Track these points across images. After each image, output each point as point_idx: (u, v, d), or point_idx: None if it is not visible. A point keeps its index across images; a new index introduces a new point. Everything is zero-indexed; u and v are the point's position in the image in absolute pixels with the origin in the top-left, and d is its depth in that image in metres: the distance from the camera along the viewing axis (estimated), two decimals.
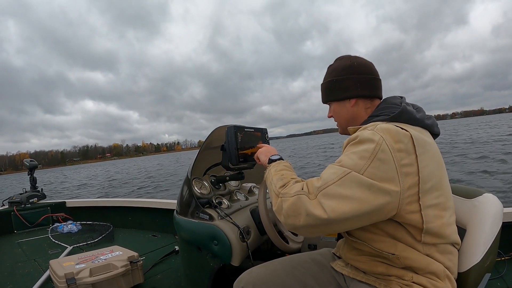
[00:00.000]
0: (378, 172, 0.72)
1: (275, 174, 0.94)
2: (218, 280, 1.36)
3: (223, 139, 1.31)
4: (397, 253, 0.80)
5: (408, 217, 0.76)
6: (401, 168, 0.73)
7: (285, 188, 0.84)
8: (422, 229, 0.77)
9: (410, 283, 0.80)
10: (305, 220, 0.75)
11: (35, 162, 3.61)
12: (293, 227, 0.78)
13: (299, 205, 0.76)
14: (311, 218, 0.74)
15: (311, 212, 0.74)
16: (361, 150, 0.76)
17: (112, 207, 3.29)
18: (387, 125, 0.79)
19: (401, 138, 0.76)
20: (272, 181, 0.92)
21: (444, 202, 0.80)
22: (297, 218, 0.77)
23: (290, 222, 0.78)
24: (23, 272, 2.15)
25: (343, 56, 1.01)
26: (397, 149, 0.74)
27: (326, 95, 1.02)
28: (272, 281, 1.00)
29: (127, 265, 1.74)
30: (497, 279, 1.53)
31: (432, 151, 0.81)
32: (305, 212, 0.75)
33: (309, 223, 0.75)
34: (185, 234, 1.39)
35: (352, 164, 0.75)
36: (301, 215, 0.76)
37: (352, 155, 0.77)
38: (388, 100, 0.94)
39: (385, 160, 0.73)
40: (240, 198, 1.62)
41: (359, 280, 0.90)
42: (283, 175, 0.92)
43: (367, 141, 0.76)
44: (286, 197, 0.81)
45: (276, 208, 0.84)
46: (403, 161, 0.74)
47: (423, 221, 0.76)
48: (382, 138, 0.75)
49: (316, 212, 0.73)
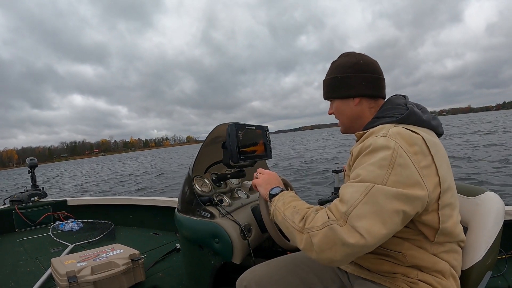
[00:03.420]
0: (401, 178, 0.70)
1: (286, 209, 0.85)
2: (219, 277, 1.36)
3: (224, 136, 1.31)
4: (404, 251, 0.79)
5: (424, 218, 0.75)
6: (422, 171, 0.72)
7: (306, 221, 0.77)
8: (437, 229, 0.76)
9: (415, 281, 0.79)
10: (342, 250, 0.69)
11: (35, 161, 3.63)
12: (329, 261, 0.72)
13: (332, 237, 0.70)
14: (349, 247, 0.68)
15: (347, 241, 0.68)
16: (378, 159, 0.73)
17: (113, 205, 3.29)
18: (398, 129, 0.77)
19: (415, 141, 0.75)
20: (286, 218, 0.83)
21: (454, 202, 0.80)
22: (333, 251, 0.70)
23: (326, 257, 0.71)
24: (24, 270, 2.16)
25: (349, 53, 0.98)
26: (413, 152, 0.73)
27: (329, 91, 0.99)
28: (275, 279, 1.00)
29: (128, 263, 1.74)
30: (498, 277, 1.53)
31: (441, 151, 0.80)
32: (341, 242, 0.69)
33: (347, 253, 0.69)
34: (187, 232, 1.39)
35: (373, 177, 0.71)
36: (336, 246, 0.69)
37: (370, 167, 0.73)
38: (392, 100, 0.92)
39: (405, 165, 0.71)
40: (241, 196, 1.62)
41: (363, 278, 0.89)
42: (295, 207, 0.84)
43: (383, 148, 0.73)
44: (314, 231, 0.73)
45: (304, 245, 0.75)
46: (421, 164, 0.73)
47: (439, 221, 0.75)
48: (397, 143, 0.73)
49: (352, 240, 0.68)
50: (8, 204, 3.43)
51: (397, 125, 0.82)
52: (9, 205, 3.37)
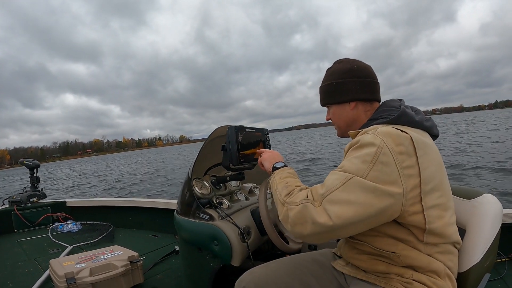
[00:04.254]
0: (381, 175, 0.73)
1: (280, 182, 0.94)
2: (218, 280, 1.36)
3: (224, 139, 1.31)
4: (398, 251, 0.81)
5: (410, 218, 0.77)
6: (403, 170, 0.74)
7: (290, 196, 0.84)
8: (424, 230, 0.78)
9: (410, 281, 0.80)
10: (311, 228, 0.75)
11: (37, 162, 3.67)
12: (300, 235, 0.79)
13: (305, 214, 0.77)
14: (317, 226, 0.74)
15: (316, 220, 0.74)
16: (363, 154, 0.76)
17: (112, 206, 3.29)
18: (388, 128, 0.80)
19: (402, 141, 0.76)
20: (277, 189, 0.91)
21: (445, 203, 0.81)
22: (304, 227, 0.77)
23: (297, 231, 0.79)
24: (23, 271, 2.15)
25: (342, 59, 1.02)
26: (399, 152, 0.75)
27: (326, 98, 1.03)
28: (273, 281, 1.01)
29: (127, 265, 1.74)
30: (498, 280, 1.53)
31: (432, 153, 0.81)
32: (311, 220, 0.75)
33: (315, 231, 0.75)
34: (186, 234, 1.39)
35: (354, 169, 0.76)
36: (307, 223, 0.76)
37: (354, 160, 0.77)
38: (387, 103, 0.95)
39: (387, 163, 0.74)
40: (241, 198, 1.62)
41: (359, 279, 0.90)
42: (287, 183, 0.91)
43: (369, 145, 0.77)
44: (292, 205, 0.81)
45: (282, 217, 0.84)
46: (404, 163, 0.75)
47: (425, 222, 0.77)
48: (383, 141, 0.76)
49: (321, 220, 0.74)
50: (7, 204, 3.43)
51: (389, 125, 0.84)
52: (8, 206, 3.37)
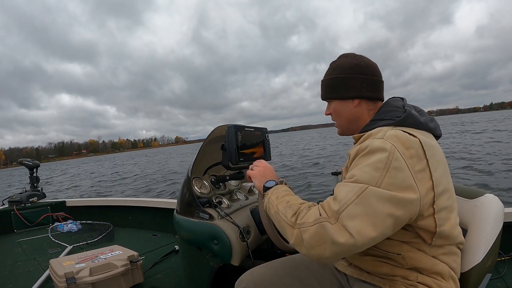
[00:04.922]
0: (396, 181, 0.70)
1: (280, 202, 0.86)
2: (218, 279, 1.36)
3: (223, 138, 1.31)
4: (403, 253, 0.79)
5: (421, 222, 0.75)
6: (416, 174, 0.72)
7: (299, 216, 0.78)
8: (434, 233, 0.76)
9: (415, 283, 0.79)
10: (331, 249, 0.70)
11: (37, 162, 3.67)
12: (318, 258, 0.73)
13: (323, 234, 0.70)
14: (338, 246, 0.69)
15: (336, 239, 0.69)
16: (374, 161, 0.73)
17: (112, 206, 3.29)
18: (396, 132, 0.77)
19: (412, 144, 0.75)
20: (279, 211, 0.84)
21: (452, 204, 0.80)
22: (322, 248, 0.71)
23: (314, 253, 0.72)
24: (23, 271, 2.15)
25: (348, 54, 0.97)
26: (409, 156, 0.73)
27: (328, 92, 0.98)
28: (274, 281, 1.00)
29: (127, 265, 1.74)
30: (497, 279, 1.53)
31: (438, 154, 0.80)
32: (331, 241, 0.69)
33: (336, 252, 0.70)
34: (185, 233, 1.39)
35: (367, 178, 0.71)
36: (326, 243, 0.70)
37: (366, 168, 0.73)
38: (390, 102, 0.92)
39: (400, 168, 0.71)
40: (240, 197, 1.62)
41: (363, 280, 0.89)
42: (289, 202, 0.85)
43: (379, 150, 0.74)
44: (305, 227, 0.74)
45: (294, 240, 0.76)
46: (416, 167, 0.73)
47: (436, 225, 0.75)
48: (394, 146, 0.73)
49: (342, 239, 0.68)
50: (6, 204, 3.42)
51: (395, 127, 0.81)
52: (7, 206, 3.36)
